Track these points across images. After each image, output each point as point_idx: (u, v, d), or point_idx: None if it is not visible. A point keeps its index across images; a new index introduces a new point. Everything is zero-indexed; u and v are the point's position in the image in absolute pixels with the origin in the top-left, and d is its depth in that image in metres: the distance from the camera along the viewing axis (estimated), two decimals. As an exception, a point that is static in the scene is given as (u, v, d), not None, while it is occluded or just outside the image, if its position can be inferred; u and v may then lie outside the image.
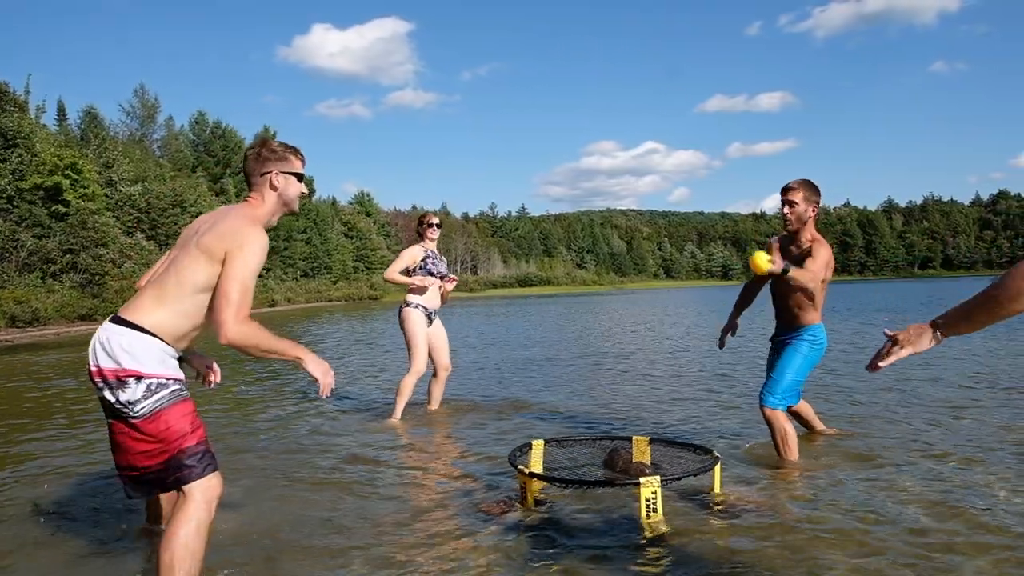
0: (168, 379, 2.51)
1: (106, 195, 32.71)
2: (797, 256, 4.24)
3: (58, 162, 27.39)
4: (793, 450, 4.24)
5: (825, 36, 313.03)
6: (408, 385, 5.91)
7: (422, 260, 5.97)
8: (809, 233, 4.23)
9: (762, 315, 4.78)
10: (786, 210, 4.19)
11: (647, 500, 3.27)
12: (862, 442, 4.79)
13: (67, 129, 41.71)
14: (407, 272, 5.93)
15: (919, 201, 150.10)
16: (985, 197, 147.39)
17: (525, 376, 8.81)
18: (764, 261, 3.93)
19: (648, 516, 3.27)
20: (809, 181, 4.22)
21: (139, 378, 2.46)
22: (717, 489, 3.67)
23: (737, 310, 4.73)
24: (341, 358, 11.81)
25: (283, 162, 2.73)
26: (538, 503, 3.60)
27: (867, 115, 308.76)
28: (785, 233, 4.36)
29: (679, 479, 3.46)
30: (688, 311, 27.10)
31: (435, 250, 6.11)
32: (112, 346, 2.47)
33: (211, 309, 2.50)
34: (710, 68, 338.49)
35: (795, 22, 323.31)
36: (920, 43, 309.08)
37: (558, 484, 3.59)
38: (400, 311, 5.98)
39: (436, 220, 6.17)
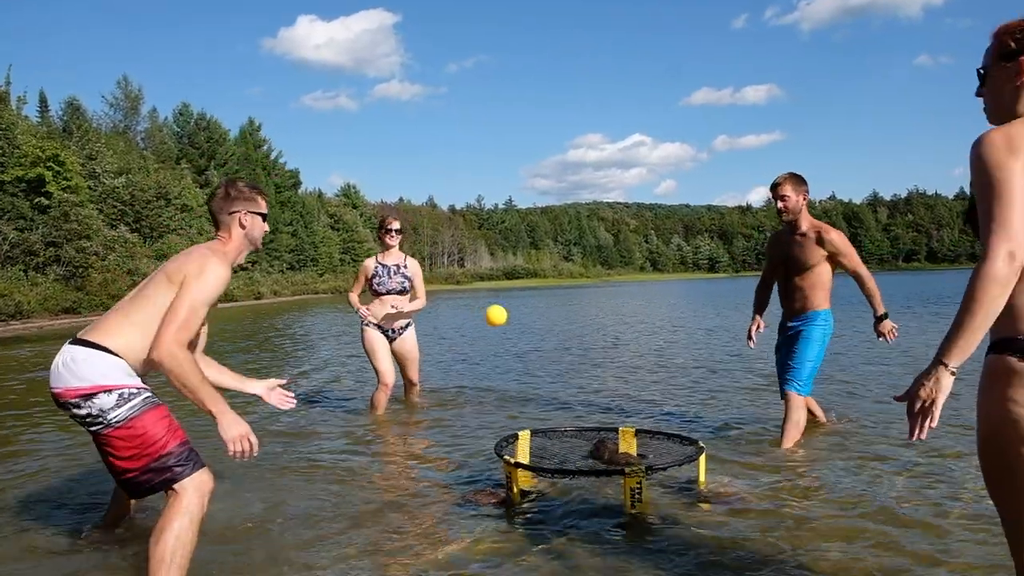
0: (138, 388, 2.57)
1: (89, 187, 32.40)
2: (800, 244, 4.38)
3: (40, 154, 27.09)
4: (794, 439, 4.37)
5: (811, 29, 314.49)
6: (379, 398, 5.83)
7: (371, 277, 5.80)
8: (806, 221, 4.40)
9: (744, 310, 4.82)
10: (780, 205, 4.38)
11: (632, 490, 3.29)
12: (853, 433, 4.83)
13: (49, 121, 41.17)
14: (367, 284, 5.85)
15: (904, 194, 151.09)
16: (969, 191, 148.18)
17: (511, 367, 8.83)
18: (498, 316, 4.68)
19: (633, 506, 3.30)
20: (793, 173, 4.41)
21: (108, 391, 2.50)
22: (702, 479, 3.70)
23: (759, 309, 4.86)
24: (325, 350, 11.79)
25: (250, 202, 2.86)
26: (524, 493, 3.61)
27: (853, 108, 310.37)
28: (783, 227, 4.53)
29: (664, 469, 3.48)
30: (674, 303, 27.20)
31: (390, 262, 5.84)
32: (78, 365, 2.51)
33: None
34: (697, 61, 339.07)
35: (781, 15, 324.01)
36: (905, 36, 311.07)
37: (544, 474, 3.60)
38: None
39: (395, 225, 5.86)
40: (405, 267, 5.88)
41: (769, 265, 4.71)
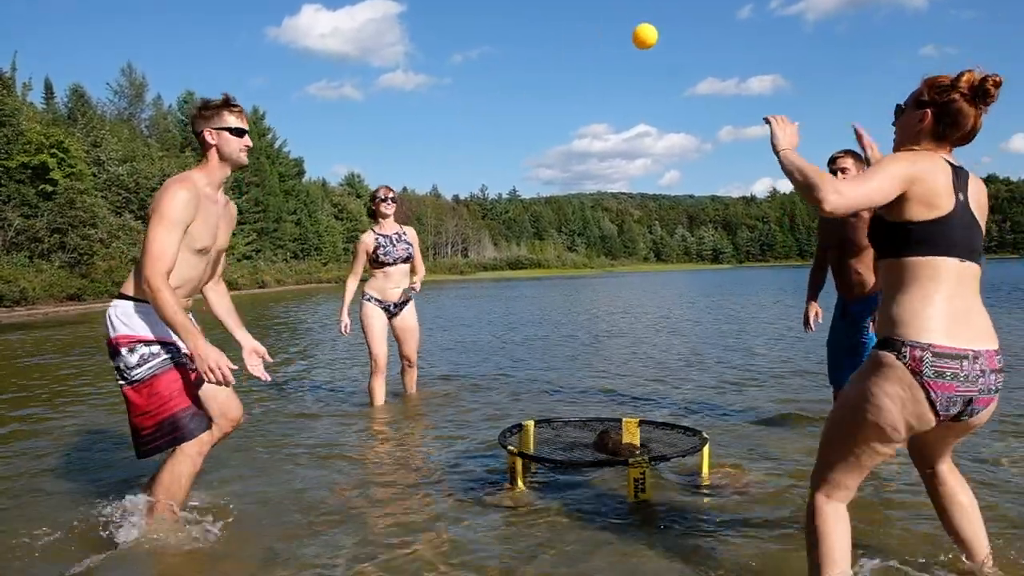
0: (159, 344, 2.77)
1: (94, 174, 32.44)
2: (853, 224, 4.28)
3: (44, 140, 27.12)
4: None
5: (815, 19, 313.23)
6: (374, 386, 5.69)
7: (375, 250, 5.59)
8: None
9: (748, 301, 4.80)
10: (840, 176, 4.26)
11: (636, 480, 3.29)
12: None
13: (54, 107, 41.21)
14: (369, 259, 5.60)
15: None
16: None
17: (515, 357, 8.83)
18: (648, 35, 3.37)
19: (637, 496, 3.30)
20: (851, 150, 4.32)
21: (132, 347, 2.73)
22: (705, 470, 3.70)
23: (814, 294, 4.78)
24: (327, 337, 11.79)
25: (213, 119, 2.88)
26: (528, 483, 3.62)
27: (857, 99, 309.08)
28: None
29: (668, 459, 3.49)
30: (678, 294, 27.16)
31: (389, 231, 5.62)
32: (112, 317, 2.79)
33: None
34: (702, 52, 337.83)
35: (786, 5, 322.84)
36: (910, 27, 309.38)
37: (548, 465, 3.61)
38: None
39: (391, 194, 5.65)
40: (404, 234, 5.72)
41: (822, 247, 4.62)
